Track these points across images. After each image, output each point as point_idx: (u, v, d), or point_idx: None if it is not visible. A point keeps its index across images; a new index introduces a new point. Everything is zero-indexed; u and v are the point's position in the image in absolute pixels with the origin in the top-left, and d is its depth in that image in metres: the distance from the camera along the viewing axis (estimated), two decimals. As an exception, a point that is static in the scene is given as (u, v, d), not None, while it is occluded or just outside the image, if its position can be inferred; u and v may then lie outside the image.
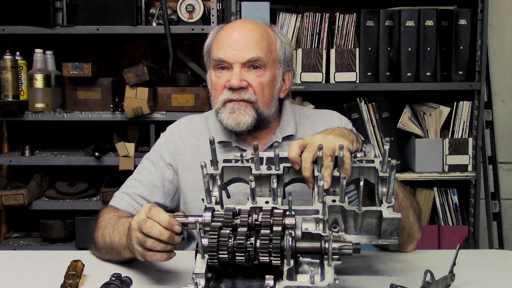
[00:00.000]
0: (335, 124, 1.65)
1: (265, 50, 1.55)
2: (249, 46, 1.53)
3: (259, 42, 1.54)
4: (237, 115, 1.53)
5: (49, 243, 2.81)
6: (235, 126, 1.54)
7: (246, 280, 1.13)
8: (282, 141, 1.62)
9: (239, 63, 1.53)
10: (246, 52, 1.52)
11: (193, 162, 1.61)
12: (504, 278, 1.32)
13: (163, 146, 1.66)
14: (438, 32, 2.66)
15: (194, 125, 1.69)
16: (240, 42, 1.53)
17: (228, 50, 1.53)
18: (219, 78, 1.56)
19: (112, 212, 1.51)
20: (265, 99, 1.56)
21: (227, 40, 1.55)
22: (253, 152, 1.23)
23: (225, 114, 1.54)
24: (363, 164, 1.23)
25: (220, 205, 1.20)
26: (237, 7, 2.64)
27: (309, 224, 1.13)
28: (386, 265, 1.39)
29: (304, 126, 1.67)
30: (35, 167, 2.88)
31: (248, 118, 1.53)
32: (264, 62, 1.54)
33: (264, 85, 1.55)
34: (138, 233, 1.19)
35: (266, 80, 1.55)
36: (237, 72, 1.52)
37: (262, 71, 1.55)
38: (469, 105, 2.69)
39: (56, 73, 2.79)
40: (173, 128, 1.70)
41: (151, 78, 2.63)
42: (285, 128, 1.63)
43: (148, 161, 1.66)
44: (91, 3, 2.65)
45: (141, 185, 1.61)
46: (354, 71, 2.65)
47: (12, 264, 1.45)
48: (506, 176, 3.08)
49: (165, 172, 1.63)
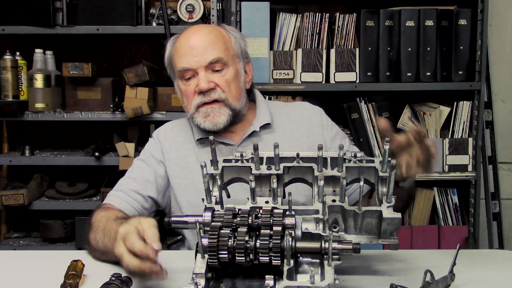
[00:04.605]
0: (308, 112, 1.75)
1: (223, 48, 1.63)
2: (208, 48, 1.62)
3: (215, 43, 1.63)
4: (212, 118, 1.63)
5: (49, 243, 2.81)
6: (212, 127, 1.63)
7: (246, 280, 1.13)
8: (260, 130, 1.69)
9: (203, 67, 1.61)
10: (206, 55, 1.61)
11: (179, 158, 1.68)
12: (504, 278, 1.32)
13: (152, 146, 1.73)
14: (438, 32, 2.66)
15: (179, 126, 1.77)
16: (199, 48, 1.61)
17: (189, 58, 1.62)
18: (187, 86, 1.65)
19: (102, 212, 1.50)
20: (234, 94, 1.64)
21: (186, 48, 1.63)
22: (253, 152, 1.23)
23: (200, 118, 1.64)
24: (363, 164, 1.23)
25: (220, 205, 1.20)
26: (237, 7, 2.64)
27: (309, 224, 1.13)
28: (386, 265, 1.38)
29: (279, 116, 1.74)
30: (35, 167, 2.88)
31: (223, 117, 1.63)
32: (224, 60, 1.63)
33: (230, 82, 1.63)
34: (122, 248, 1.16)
35: (230, 76, 1.64)
36: (203, 75, 1.61)
37: (225, 70, 1.63)
38: (469, 105, 2.69)
39: (56, 73, 2.79)
40: (159, 130, 1.78)
41: (151, 78, 2.63)
42: (262, 117, 1.71)
43: (139, 161, 1.71)
44: (91, 3, 2.65)
45: (135, 181, 1.65)
46: (354, 71, 2.65)
47: (12, 264, 1.45)
48: (506, 176, 3.08)
49: (157, 169, 1.68)
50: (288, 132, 1.71)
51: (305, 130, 1.71)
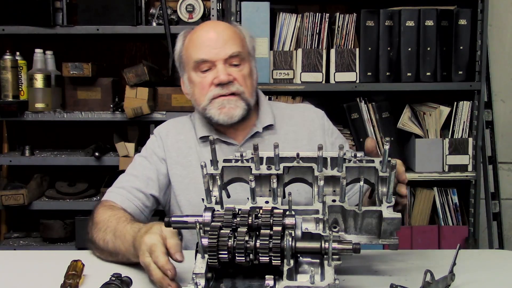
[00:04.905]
0: (310, 115, 1.74)
1: (240, 45, 1.64)
2: (228, 42, 1.61)
3: (234, 38, 1.63)
4: (228, 110, 1.60)
5: (49, 243, 2.81)
6: (228, 120, 1.61)
7: (246, 280, 1.13)
8: (263, 131, 1.68)
9: (222, 59, 1.60)
10: (227, 48, 1.60)
11: (180, 157, 1.67)
12: (504, 278, 1.32)
13: (154, 143, 1.71)
14: (438, 32, 2.66)
15: (180, 124, 1.76)
16: (218, 41, 1.61)
17: (208, 50, 1.61)
18: (203, 78, 1.62)
19: (108, 211, 1.48)
20: (249, 90, 1.64)
21: (204, 40, 1.62)
22: (253, 152, 1.23)
23: (214, 110, 1.61)
24: (363, 164, 1.23)
25: (220, 205, 1.20)
26: (237, 7, 2.64)
27: (309, 224, 1.13)
28: (386, 265, 1.38)
29: (282, 117, 1.73)
30: (35, 167, 2.88)
31: (239, 110, 1.61)
32: (242, 56, 1.63)
33: (246, 77, 1.63)
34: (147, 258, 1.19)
35: (246, 72, 1.64)
36: (222, 68, 1.60)
37: (241, 65, 1.63)
38: (469, 105, 2.69)
39: (56, 73, 2.79)
40: (160, 128, 1.77)
41: (151, 78, 2.63)
42: (265, 119, 1.70)
43: (141, 158, 1.70)
44: (91, 3, 2.65)
45: (137, 179, 1.63)
46: (354, 71, 2.65)
47: (12, 264, 1.45)
48: (506, 176, 3.08)
49: (160, 167, 1.67)
50: (290, 134, 1.70)
51: (307, 132, 1.71)
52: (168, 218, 1.23)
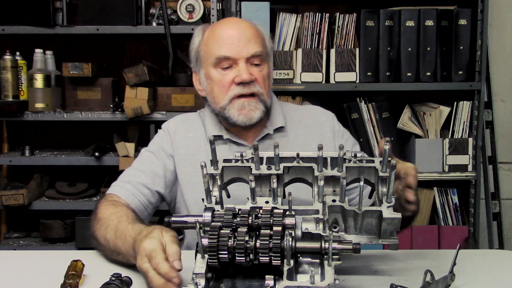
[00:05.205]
0: (321, 118, 1.72)
1: (261, 44, 1.62)
2: (251, 41, 1.59)
3: (256, 37, 1.61)
4: (247, 112, 1.58)
5: (49, 243, 2.81)
6: (246, 121, 1.59)
7: (246, 280, 1.13)
8: (274, 133, 1.66)
9: (244, 58, 1.57)
10: (249, 47, 1.58)
11: (189, 155, 1.64)
12: (504, 278, 1.32)
13: (163, 138, 1.69)
14: (438, 32, 2.66)
15: (189, 121, 1.72)
16: (241, 39, 1.58)
17: (231, 47, 1.57)
18: (224, 76, 1.59)
19: (111, 208, 1.46)
20: (267, 91, 1.63)
21: (226, 37, 1.59)
22: (253, 152, 1.23)
23: (234, 111, 1.59)
24: (363, 164, 1.23)
25: (220, 205, 1.20)
26: (237, 7, 2.64)
27: (309, 224, 1.13)
28: (386, 265, 1.38)
29: (292, 119, 1.71)
30: (35, 167, 2.88)
31: (258, 112, 1.59)
32: (263, 56, 1.61)
33: (265, 78, 1.61)
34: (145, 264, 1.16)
35: (266, 73, 1.62)
36: (244, 67, 1.57)
37: (262, 66, 1.61)
38: (469, 105, 2.69)
39: (56, 73, 2.79)
40: (169, 123, 1.73)
41: (151, 78, 2.63)
42: (276, 121, 1.68)
43: (148, 153, 1.67)
44: (91, 3, 2.65)
45: (143, 174, 1.60)
46: (354, 71, 2.65)
47: (12, 264, 1.45)
48: (506, 176, 3.08)
49: (167, 163, 1.64)
50: (301, 137, 1.68)
51: (317, 135, 1.68)
52: (168, 218, 1.23)
